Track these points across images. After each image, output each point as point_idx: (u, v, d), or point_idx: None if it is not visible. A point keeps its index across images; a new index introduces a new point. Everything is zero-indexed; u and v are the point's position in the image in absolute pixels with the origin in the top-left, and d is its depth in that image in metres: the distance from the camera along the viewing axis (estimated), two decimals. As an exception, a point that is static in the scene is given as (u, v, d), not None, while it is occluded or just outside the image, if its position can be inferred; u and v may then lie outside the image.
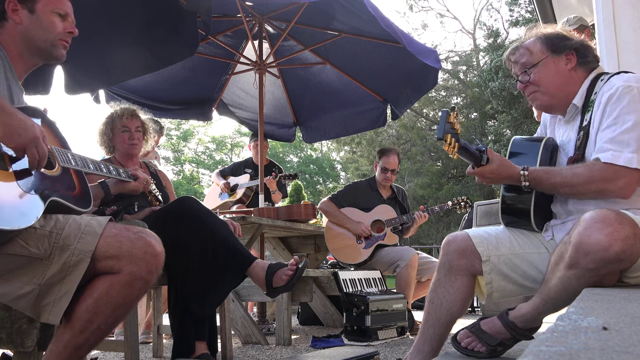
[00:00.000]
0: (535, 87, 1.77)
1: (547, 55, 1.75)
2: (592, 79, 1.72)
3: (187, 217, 2.23)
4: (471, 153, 1.67)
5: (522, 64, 1.79)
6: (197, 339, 2.23)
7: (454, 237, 1.82)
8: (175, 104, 4.91)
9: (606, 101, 1.59)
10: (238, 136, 27.39)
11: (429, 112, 22.67)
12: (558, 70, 1.74)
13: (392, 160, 3.99)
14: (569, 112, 1.76)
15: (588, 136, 1.65)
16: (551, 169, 1.67)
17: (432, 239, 18.34)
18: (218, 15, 4.16)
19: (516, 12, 20.29)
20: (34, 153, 1.37)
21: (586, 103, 1.69)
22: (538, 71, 1.75)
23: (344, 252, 3.84)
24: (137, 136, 2.67)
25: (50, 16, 1.63)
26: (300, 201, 5.49)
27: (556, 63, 1.74)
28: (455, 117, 1.61)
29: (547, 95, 1.76)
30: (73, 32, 1.69)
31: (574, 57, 1.74)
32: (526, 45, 1.80)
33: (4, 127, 1.32)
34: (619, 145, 1.53)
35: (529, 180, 1.65)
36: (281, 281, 2.11)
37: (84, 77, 3.29)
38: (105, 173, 1.86)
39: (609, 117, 1.57)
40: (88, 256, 1.38)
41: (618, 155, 1.52)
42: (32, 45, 1.62)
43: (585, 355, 0.52)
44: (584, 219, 1.36)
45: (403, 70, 4.40)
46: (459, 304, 1.78)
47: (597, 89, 1.67)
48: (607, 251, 1.28)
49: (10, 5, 1.59)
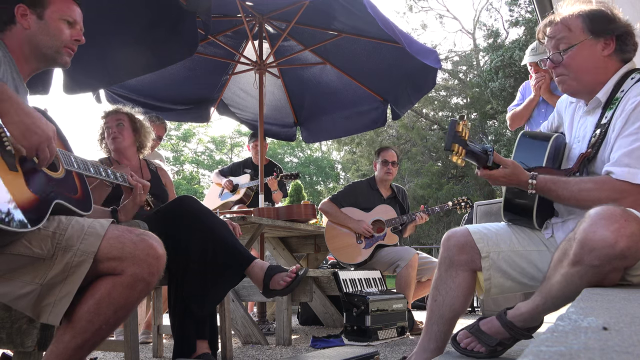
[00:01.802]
0: (566, 71, 1.68)
1: (586, 37, 1.62)
2: (622, 74, 1.63)
3: (187, 217, 2.23)
4: (478, 155, 1.66)
5: (557, 40, 1.67)
6: (198, 338, 2.24)
7: (454, 233, 1.82)
8: (176, 104, 4.91)
9: (633, 107, 1.52)
10: (238, 136, 27.41)
11: (429, 112, 22.68)
12: (593, 55, 1.63)
13: (390, 153, 4.00)
14: (591, 104, 1.69)
15: (605, 135, 1.60)
16: (559, 180, 1.62)
17: (432, 239, 18.35)
18: (218, 15, 4.16)
19: (516, 12, 20.29)
20: (46, 152, 1.39)
21: (610, 99, 1.62)
22: (573, 54, 1.64)
23: (344, 252, 3.84)
24: (117, 130, 2.66)
25: (58, 23, 1.64)
26: (300, 201, 5.49)
27: (593, 47, 1.63)
28: (464, 125, 1.59)
29: (576, 82, 1.67)
30: (80, 40, 1.70)
31: (613, 44, 1.62)
32: (566, 21, 1.66)
33: (22, 126, 1.34)
34: (638, 160, 1.48)
35: (535, 189, 1.64)
36: (278, 285, 2.12)
37: (83, 77, 3.30)
38: (104, 177, 1.86)
39: (632, 124, 1.51)
40: (90, 257, 1.39)
41: (635, 173, 1.47)
42: (38, 51, 1.63)
43: (585, 355, 0.52)
44: (589, 215, 1.34)
45: (403, 70, 4.40)
46: (461, 299, 1.77)
47: (625, 87, 1.60)
48: (613, 247, 1.27)
49: (20, 10, 1.61)
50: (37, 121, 1.37)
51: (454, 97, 23.19)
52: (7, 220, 1.26)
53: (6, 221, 1.25)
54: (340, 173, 28.15)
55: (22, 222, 1.30)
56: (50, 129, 1.40)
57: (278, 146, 26.62)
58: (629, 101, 1.55)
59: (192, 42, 3.11)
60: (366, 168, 21.24)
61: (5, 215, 1.26)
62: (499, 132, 18.32)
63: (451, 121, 1.58)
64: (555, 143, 1.77)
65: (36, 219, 1.35)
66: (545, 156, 1.73)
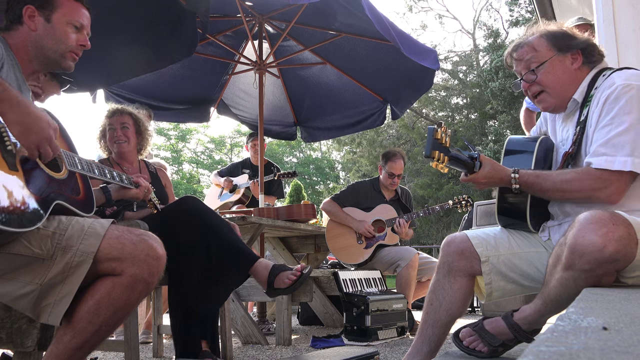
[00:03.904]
0: (541, 88, 1.72)
1: (553, 54, 1.70)
2: (594, 74, 1.69)
3: (190, 217, 2.23)
4: (463, 162, 1.66)
5: (526, 62, 1.73)
6: (200, 337, 2.24)
7: (453, 239, 1.82)
8: (175, 104, 4.91)
9: (605, 99, 1.57)
10: (237, 136, 27.40)
11: (428, 112, 22.67)
12: (565, 70, 1.69)
13: (398, 166, 3.96)
14: (569, 107, 1.73)
15: (584, 131, 1.63)
16: (542, 173, 1.65)
17: (432, 239, 18.36)
18: (218, 15, 4.16)
19: (516, 12, 20.32)
20: (47, 149, 1.40)
21: (586, 98, 1.66)
22: (545, 71, 1.70)
23: (344, 252, 3.84)
24: (122, 133, 2.65)
25: (65, 27, 1.63)
26: (300, 201, 5.49)
27: (562, 62, 1.70)
28: (443, 132, 1.59)
29: (554, 97, 1.72)
30: (85, 46, 1.68)
31: (580, 57, 1.70)
32: (531, 42, 1.73)
33: (22, 125, 1.34)
34: (613, 148, 1.51)
35: (519, 184, 1.65)
36: (283, 284, 2.11)
37: (82, 76, 3.29)
38: (109, 179, 1.86)
39: (606, 116, 1.55)
40: (90, 257, 1.39)
41: (612, 160, 1.50)
42: (42, 54, 1.62)
43: (585, 355, 0.52)
44: (578, 220, 1.36)
45: (403, 70, 4.40)
46: (458, 304, 1.78)
47: (598, 84, 1.64)
48: (602, 252, 1.29)
49: (27, 12, 1.59)
50: (37, 120, 1.37)
51: (454, 97, 23.19)
52: (5, 220, 1.25)
53: (4, 220, 1.25)
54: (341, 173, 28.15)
55: (20, 222, 1.30)
56: (51, 128, 1.40)
57: (277, 146, 26.61)
58: (602, 95, 1.59)
59: (192, 42, 3.11)
60: (366, 168, 21.25)
61: (4, 215, 1.26)
62: (499, 132, 18.32)
63: (429, 128, 1.59)
64: (542, 146, 1.77)
65: (35, 219, 1.35)
66: (533, 159, 1.73)
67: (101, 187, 2.08)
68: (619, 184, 1.51)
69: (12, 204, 1.29)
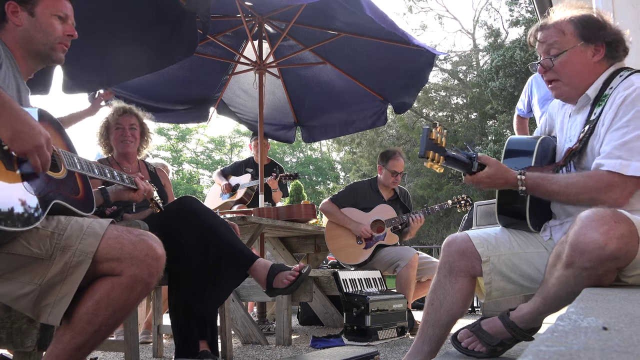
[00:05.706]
0: (557, 76, 1.68)
1: (576, 44, 1.63)
2: (611, 72, 1.64)
3: (188, 217, 2.23)
4: (461, 162, 1.66)
5: (548, 45, 1.67)
6: (199, 337, 2.24)
7: (454, 239, 1.82)
8: (175, 104, 4.90)
9: (621, 101, 1.53)
10: (237, 136, 27.40)
11: (429, 112, 22.67)
12: (583, 61, 1.64)
13: (399, 163, 3.95)
14: (580, 102, 1.69)
15: (593, 131, 1.60)
16: (547, 176, 1.63)
17: (432, 239, 18.36)
18: (218, 16, 4.16)
19: (516, 12, 20.31)
20: (36, 160, 1.36)
21: (599, 96, 1.63)
22: (563, 60, 1.65)
23: (344, 252, 3.84)
24: (130, 134, 2.64)
25: (50, 19, 1.62)
26: (300, 201, 5.49)
27: (583, 53, 1.64)
28: (438, 132, 1.58)
29: (568, 87, 1.68)
30: (73, 35, 1.68)
31: (603, 50, 1.64)
32: (558, 25, 1.66)
33: (12, 131, 1.32)
34: (630, 152, 1.48)
35: (525, 186, 1.63)
36: (282, 284, 2.11)
37: (83, 76, 3.29)
38: (109, 178, 1.85)
39: (622, 117, 1.52)
40: (89, 257, 1.38)
41: (627, 165, 1.47)
42: (32, 48, 1.62)
43: (585, 355, 0.52)
44: (579, 218, 1.36)
45: (403, 69, 4.40)
46: (459, 305, 1.78)
47: (614, 84, 1.60)
48: (603, 249, 1.28)
49: (10, 8, 1.59)
50: (29, 128, 1.33)
51: (454, 97, 23.19)
52: (3, 219, 1.25)
53: (2, 220, 1.24)
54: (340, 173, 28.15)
55: (18, 221, 1.29)
56: (42, 137, 1.35)
57: (278, 146, 26.62)
58: (617, 95, 1.56)
59: (192, 42, 3.11)
60: (366, 168, 21.25)
61: (1, 214, 1.25)
62: (499, 132, 18.32)
63: (423, 129, 1.58)
64: (541, 145, 1.77)
65: (32, 218, 1.34)
66: (533, 158, 1.72)
67: (99, 188, 2.07)
68: (628, 188, 1.50)
69: (9, 203, 1.29)
